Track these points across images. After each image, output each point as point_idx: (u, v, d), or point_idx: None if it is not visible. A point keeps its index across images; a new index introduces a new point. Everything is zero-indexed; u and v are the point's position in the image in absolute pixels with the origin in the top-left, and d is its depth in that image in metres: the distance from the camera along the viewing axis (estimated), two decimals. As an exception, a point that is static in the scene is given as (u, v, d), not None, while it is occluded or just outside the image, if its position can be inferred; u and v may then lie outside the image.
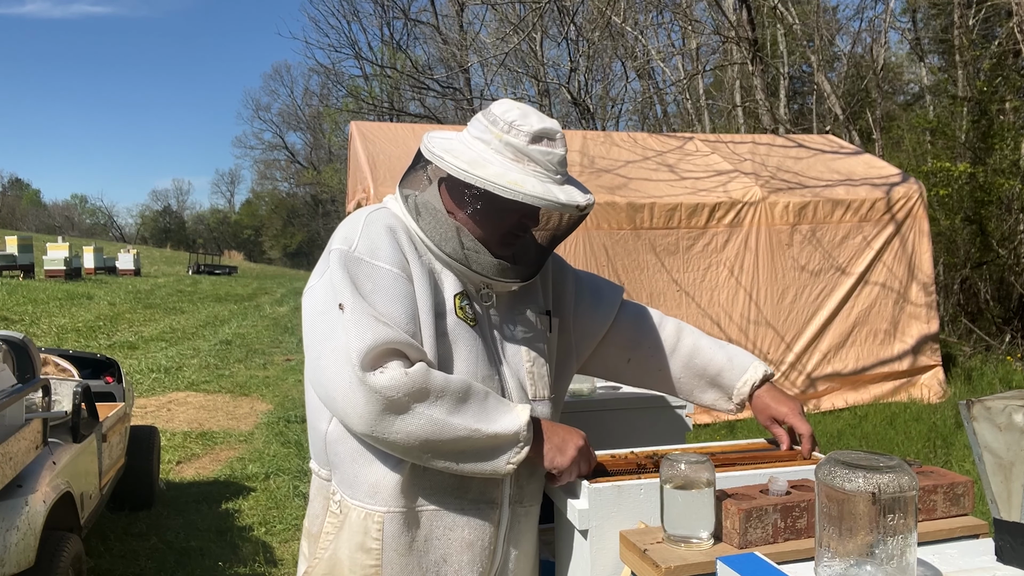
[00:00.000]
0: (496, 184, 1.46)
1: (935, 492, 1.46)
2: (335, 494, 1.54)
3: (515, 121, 1.51)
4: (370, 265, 1.47)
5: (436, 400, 1.41)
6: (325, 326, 1.44)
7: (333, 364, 1.41)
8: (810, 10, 15.06)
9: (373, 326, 1.40)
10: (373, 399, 1.38)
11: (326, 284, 1.48)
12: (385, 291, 1.46)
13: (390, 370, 1.39)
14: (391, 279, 1.47)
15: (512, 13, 15.84)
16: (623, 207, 6.63)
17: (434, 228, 1.54)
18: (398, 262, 1.49)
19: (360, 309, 1.42)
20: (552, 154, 1.52)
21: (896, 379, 7.30)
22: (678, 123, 18.73)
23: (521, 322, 1.64)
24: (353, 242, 1.51)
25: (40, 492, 2.90)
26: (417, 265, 1.51)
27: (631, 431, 2.21)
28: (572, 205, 1.50)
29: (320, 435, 1.56)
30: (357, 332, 1.40)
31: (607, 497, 1.54)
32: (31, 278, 19.70)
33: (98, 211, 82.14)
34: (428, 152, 1.53)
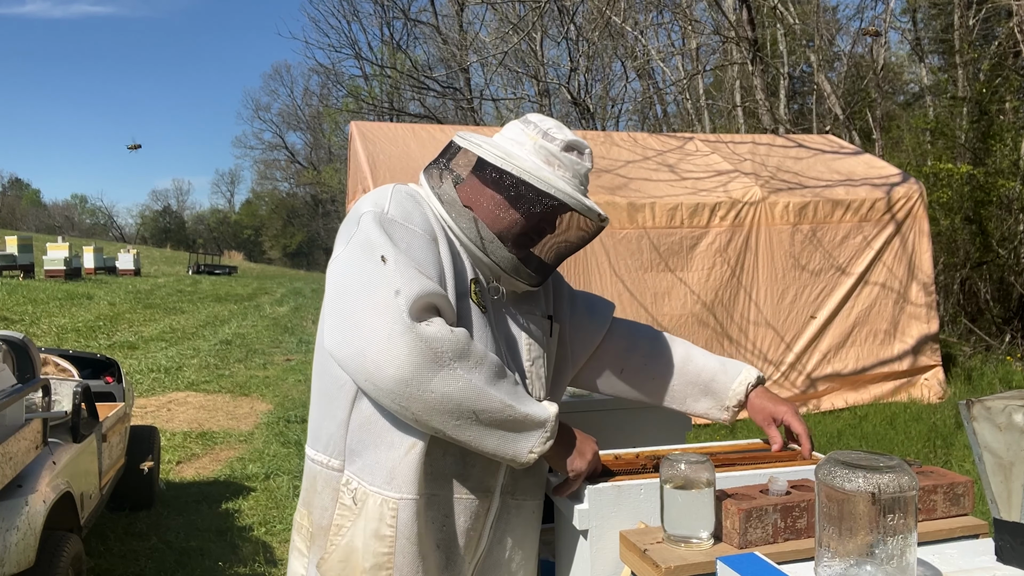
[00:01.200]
0: (531, 174, 1.51)
1: (935, 492, 1.46)
2: (349, 483, 1.52)
3: (551, 129, 1.58)
4: (403, 227, 1.48)
5: (476, 365, 1.40)
6: (359, 281, 1.41)
7: (372, 316, 1.37)
8: (810, 10, 15.06)
9: (418, 276, 1.40)
10: (417, 348, 1.34)
11: (359, 243, 1.46)
12: (421, 252, 1.45)
13: (436, 323, 1.38)
14: (425, 242, 1.48)
15: (512, 13, 15.84)
16: (623, 207, 6.63)
17: (456, 214, 1.56)
18: (429, 230, 1.50)
19: (404, 260, 1.41)
20: (581, 165, 1.59)
21: (896, 379, 7.30)
22: (678, 123, 18.73)
23: (524, 322, 1.65)
24: (384, 206, 1.51)
25: (40, 492, 2.90)
26: (444, 240, 1.53)
27: (631, 431, 2.21)
28: (595, 211, 1.59)
29: (339, 423, 1.53)
30: (404, 280, 1.38)
31: (607, 497, 1.54)
32: (31, 278, 19.70)
33: (98, 211, 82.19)
34: (464, 140, 1.58)
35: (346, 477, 1.53)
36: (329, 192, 47.63)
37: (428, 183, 1.60)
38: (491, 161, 1.53)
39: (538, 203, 1.54)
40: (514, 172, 1.51)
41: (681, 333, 6.77)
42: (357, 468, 1.52)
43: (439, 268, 1.47)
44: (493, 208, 1.57)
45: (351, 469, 1.52)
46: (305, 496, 1.62)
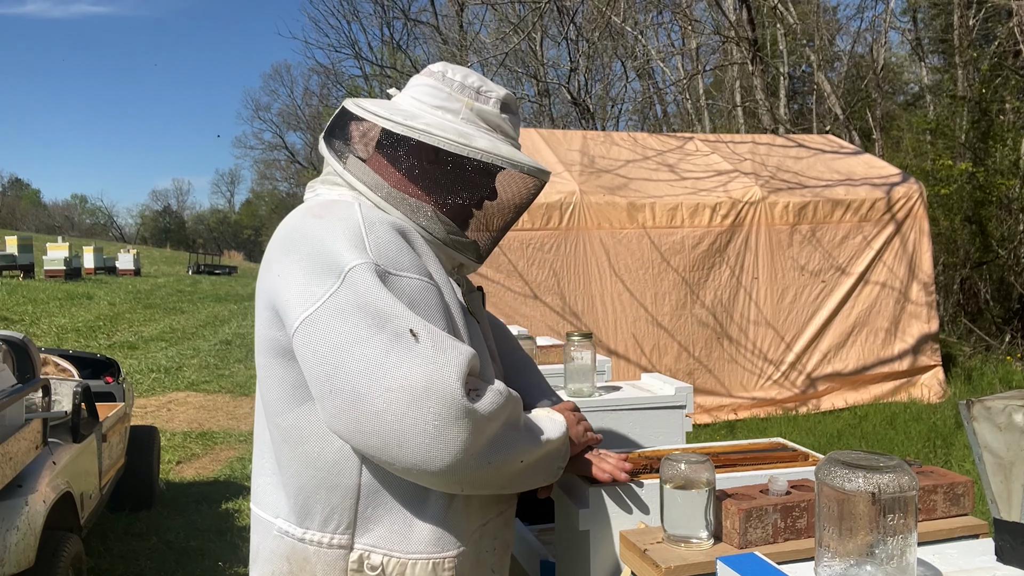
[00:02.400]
0: (499, 157, 1.37)
1: (935, 492, 1.46)
2: (368, 559, 1.30)
3: (481, 87, 1.43)
4: (399, 278, 1.27)
5: (518, 419, 1.32)
6: (381, 364, 1.18)
7: (410, 406, 1.17)
8: (810, 10, 15.07)
9: (456, 346, 1.23)
10: (475, 431, 1.20)
11: (361, 311, 1.21)
12: (428, 303, 1.28)
13: (486, 395, 1.25)
14: (423, 290, 1.29)
15: (512, 13, 15.84)
16: (623, 207, 6.63)
17: (411, 212, 1.38)
18: (420, 268, 1.31)
19: (434, 331, 1.22)
20: (516, 121, 1.47)
21: (896, 379, 7.31)
22: (678, 123, 18.73)
23: (474, 300, 1.54)
24: (368, 253, 1.26)
25: (40, 492, 2.90)
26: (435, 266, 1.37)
27: (631, 431, 2.21)
28: (548, 173, 1.47)
29: (345, 492, 1.30)
30: (446, 359, 1.20)
31: (607, 497, 1.54)
32: (31, 278, 19.70)
33: (98, 211, 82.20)
34: (399, 126, 1.36)
35: (360, 552, 1.31)
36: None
37: (363, 182, 1.38)
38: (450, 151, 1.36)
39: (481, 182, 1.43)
40: (482, 159, 1.36)
41: (681, 333, 6.78)
42: (377, 538, 1.31)
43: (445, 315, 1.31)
44: (448, 195, 1.41)
45: (367, 541, 1.31)
46: None
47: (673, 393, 2.26)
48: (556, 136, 7.81)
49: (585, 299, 6.57)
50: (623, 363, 6.52)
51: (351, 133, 1.43)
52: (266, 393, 1.35)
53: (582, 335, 2.32)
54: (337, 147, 1.44)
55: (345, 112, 1.43)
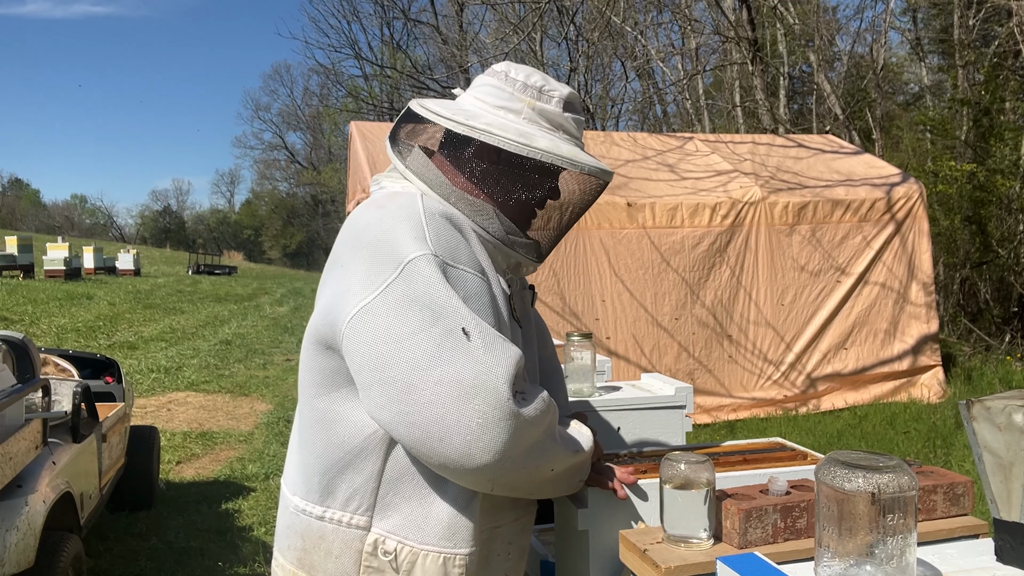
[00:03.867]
0: (560, 157, 1.36)
1: (935, 492, 1.46)
2: (383, 544, 1.33)
3: (544, 87, 1.41)
4: (459, 272, 1.28)
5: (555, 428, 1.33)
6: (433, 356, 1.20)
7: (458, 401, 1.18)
8: (810, 10, 15.07)
9: (504, 347, 1.23)
10: (518, 434, 1.21)
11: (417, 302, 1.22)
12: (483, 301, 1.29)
13: (533, 401, 1.26)
14: (477, 286, 1.30)
15: (512, 13, 15.84)
16: (623, 207, 6.63)
17: (474, 212, 1.38)
18: (475, 263, 1.33)
19: (487, 330, 1.23)
20: (580, 121, 1.46)
21: (896, 379, 7.31)
22: (678, 123, 18.73)
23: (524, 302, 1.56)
24: (429, 244, 1.27)
25: (40, 492, 2.90)
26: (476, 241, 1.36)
27: (631, 431, 2.21)
28: (610, 173, 1.45)
29: (368, 475, 1.32)
30: (496, 359, 1.20)
31: (607, 497, 1.54)
32: (31, 278, 19.70)
33: (98, 211, 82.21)
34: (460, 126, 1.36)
35: (376, 536, 1.34)
36: (329, 192, 47.66)
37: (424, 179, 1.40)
38: (511, 151, 1.35)
39: (543, 182, 1.43)
40: (542, 159, 1.35)
41: (681, 333, 6.78)
42: (393, 525, 1.33)
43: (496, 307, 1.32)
44: (509, 195, 1.41)
45: (384, 526, 1.34)
46: (303, 558, 1.39)
47: (673, 393, 2.26)
48: (556, 136, 7.81)
49: (585, 299, 6.58)
50: (623, 363, 6.52)
51: (415, 133, 1.48)
52: (304, 375, 1.40)
53: (582, 335, 2.32)
54: (401, 146, 1.47)
55: (409, 112, 1.46)
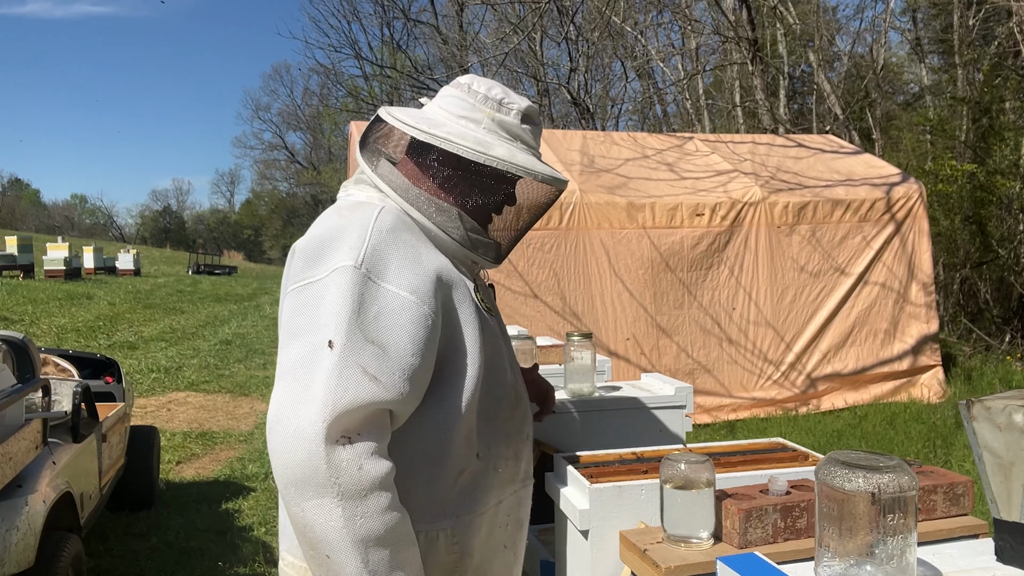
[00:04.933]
0: (516, 165, 1.43)
1: (935, 492, 1.46)
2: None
3: (503, 99, 1.49)
4: (376, 286, 1.29)
5: (364, 516, 1.20)
6: (300, 354, 1.25)
7: (296, 399, 1.22)
8: (810, 10, 15.07)
9: (360, 381, 1.22)
10: (312, 464, 1.19)
11: (316, 303, 1.28)
12: (392, 319, 1.28)
13: (357, 449, 1.20)
14: (398, 304, 1.29)
15: (512, 13, 15.84)
16: (623, 207, 6.63)
17: (435, 212, 1.44)
18: (412, 284, 1.32)
19: (350, 357, 1.23)
20: (537, 132, 1.53)
21: (896, 379, 7.31)
22: (678, 123, 18.74)
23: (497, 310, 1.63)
24: (359, 256, 1.30)
25: (40, 492, 2.90)
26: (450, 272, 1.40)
27: (631, 431, 2.22)
28: (565, 182, 1.52)
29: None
30: (339, 385, 1.21)
31: (607, 497, 1.54)
32: (31, 278, 19.69)
33: (98, 211, 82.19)
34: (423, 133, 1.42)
35: None
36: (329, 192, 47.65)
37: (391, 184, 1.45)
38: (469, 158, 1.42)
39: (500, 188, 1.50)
40: (498, 167, 1.42)
41: (680, 333, 6.78)
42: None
43: (421, 338, 1.29)
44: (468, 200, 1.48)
45: None
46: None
47: (673, 393, 2.26)
48: (556, 136, 7.81)
49: (585, 299, 6.58)
50: (623, 363, 6.52)
51: (383, 140, 1.53)
52: None
53: (582, 335, 2.32)
54: (370, 152, 1.52)
55: (378, 120, 1.52)
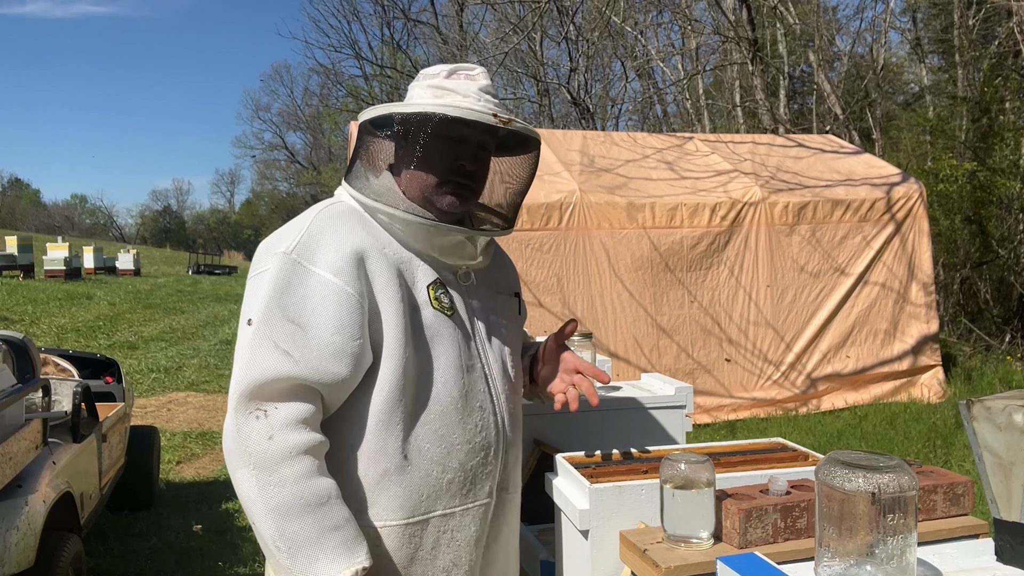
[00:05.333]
0: (413, 105, 1.42)
1: (935, 492, 1.46)
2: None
3: (441, 71, 1.50)
4: (305, 271, 1.35)
5: (276, 485, 1.27)
6: (240, 333, 1.37)
7: (233, 373, 1.34)
8: (810, 10, 15.06)
9: (272, 354, 1.31)
10: (232, 435, 1.31)
11: (252, 289, 1.38)
12: (318, 301, 1.34)
13: (265, 421, 1.29)
14: (321, 286, 1.34)
15: (512, 13, 15.84)
16: (623, 207, 6.63)
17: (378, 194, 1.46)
18: (336, 266, 1.36)
19: (264, 333, 1.32)
20: (472, 83, 1.47)
21: (896, 379, 7.31)
22: (678, 123, 18.73)
23: (499, 306, 1.59)
24: (292, 242, 1.38)
25: (40, 492, 2.90)
26: (379, 260, 1.40)
27: (631, 431, 2.21)
28: (477, 111, 1.41)
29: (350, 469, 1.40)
30: (251, 359, 1.31)
31: (607, 497, 1.54)
32: (31, 278, 19.69)
33: (98, 211, 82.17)
34: (361, 123, 1.49)
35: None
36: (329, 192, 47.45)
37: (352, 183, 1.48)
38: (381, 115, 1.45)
39: (441, 140, 1.44)
40: (392, 112, 1.43)
41: (680, 333, 6.78)
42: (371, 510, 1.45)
43: (345, 318, 1.34)
44: (403, 162, 1.48)
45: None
46: None
47: (673, 393, 2.26)
48: (556, 136, 7.81)
49: (585, 299, 6.57)
50: (623, 363, 6.52)
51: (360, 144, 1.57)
52: None
53: (582, 335, 2.32)
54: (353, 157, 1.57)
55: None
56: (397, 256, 1.44)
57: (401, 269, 1.43)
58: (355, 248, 1.38)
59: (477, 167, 1.49)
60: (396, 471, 1.39)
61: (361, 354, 1.35)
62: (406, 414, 1.39)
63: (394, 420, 1.38)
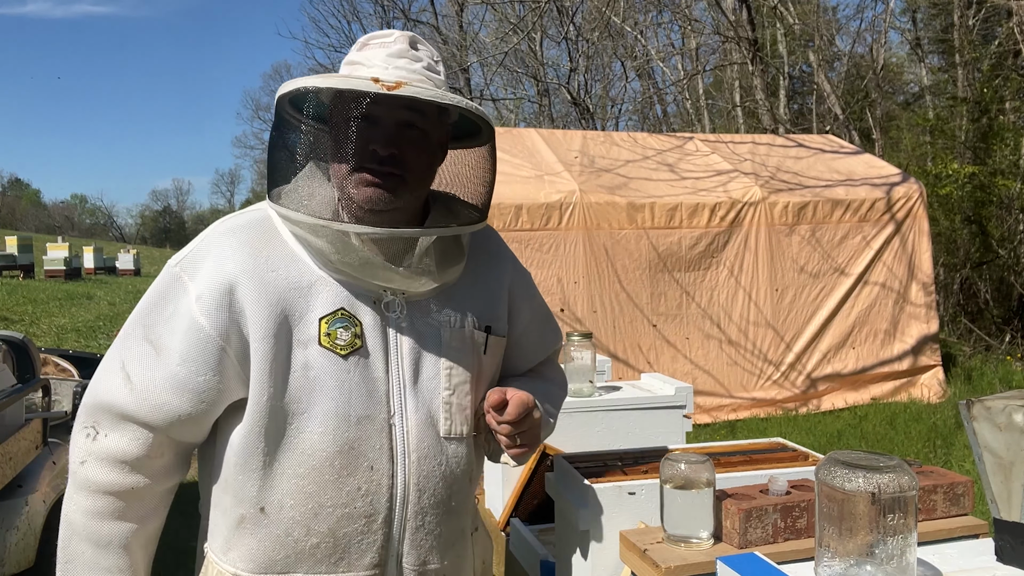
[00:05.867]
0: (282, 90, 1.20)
1: (935, 492, 1.46)
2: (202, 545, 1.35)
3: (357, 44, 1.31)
4: (182, 288, 1.23)
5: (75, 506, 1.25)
6: None
7: None
8: (810, 10, 15.07)
9: (112, 378, 1.24)
10: (72, 455, 1.27)
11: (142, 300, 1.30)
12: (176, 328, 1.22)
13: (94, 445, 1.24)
14: (185, 313, 1.21)
15: (512, 13, 15.84)
16: (623, 207, 6.63)
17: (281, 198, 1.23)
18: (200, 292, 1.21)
19: (118, 349, 1.26)
20: (382, 50, 1.25)
21: (896, 379, 7.31)
22: (678, 123, 18.74)
23: (454, 343, 1.30)
24: (184, 253, 1.27)
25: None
26: (255, 288, 1.20)
27: (631, 431, 2.22)
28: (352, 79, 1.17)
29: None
30: (99, 376, 1.27)
31: (607, 497, 1.54)
32: (31, 278, 19.69)
33: (98, 211, 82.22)
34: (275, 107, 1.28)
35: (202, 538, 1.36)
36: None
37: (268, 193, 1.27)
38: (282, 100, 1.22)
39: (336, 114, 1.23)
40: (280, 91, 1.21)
41: (679, 334, 6.78)
42: (203, 527, 1.36)
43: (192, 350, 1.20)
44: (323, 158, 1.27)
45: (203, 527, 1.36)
46: None
47: (673, 393, 2.26)
48: (556, 136, 7.81)
49: (585, 299, 6.57)
50: (623, 364, 6.52)
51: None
52: None
53: (582, 335, 2.32)
54: None
55: None
56: (290, 281, 1.22)
57: (287, 298, 1.21)
58: (227, 274, 1.21)
59: (400, 151, 1.22)
60: (252, 522, 1.23)
61: (207, 390, 1.21)
62: (266, 463, 1.21)
63: (251, 466, 1.22)
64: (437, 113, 1.27)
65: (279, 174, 1.26)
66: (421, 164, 1.26)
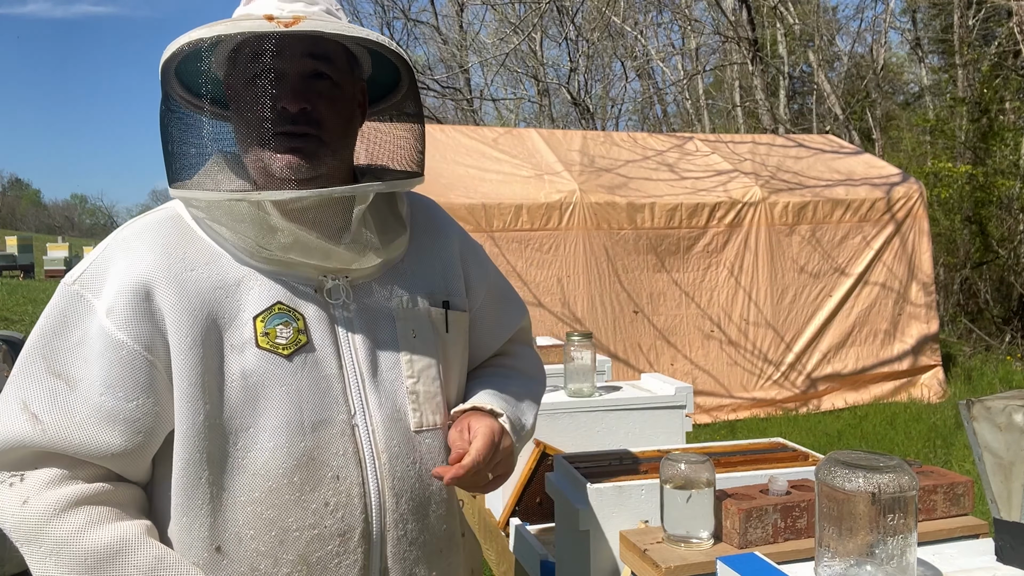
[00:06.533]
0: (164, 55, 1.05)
1: (935, 492, 1.46)
2: None
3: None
4: (87, 308, 1.06)
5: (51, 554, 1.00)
6: None
7: None
8: (810, 10, 15.07)
9: (14, 418, 1.03)
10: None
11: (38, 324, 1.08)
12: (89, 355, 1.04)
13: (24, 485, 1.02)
14: (97, 334, 1.04)
15: (512, 13, 15.85)
16: (623, 207, 6.64)
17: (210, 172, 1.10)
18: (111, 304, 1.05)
19: (16, 387, 1.04)
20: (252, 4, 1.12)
21: (896, 379, 7.31)
22: (678, 123, 18.75)
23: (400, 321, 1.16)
24: (81, 268, 1.11)
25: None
26: (175, 290, 1.05)
27: (631, 431, 2.22)
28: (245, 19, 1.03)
29: None
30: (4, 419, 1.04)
31: (607, 497, 1.54)
32: (31, 278, 19.71)
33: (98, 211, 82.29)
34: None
35: None
36: (329, 192, 47.55)
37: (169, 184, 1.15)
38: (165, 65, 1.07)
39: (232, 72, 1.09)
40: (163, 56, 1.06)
41: (679, 334, 6.78)
42: None
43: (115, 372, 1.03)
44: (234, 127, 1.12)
45: None
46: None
47: (673, 393, 2.26)
48: (556, 136, 7.82)
49: (585, 299, 6.58)
50: (622, 364, 6.52)
51: None
52: None
53: (582, 335, 2.32)
54: None
55: None
56: (214, 279, 1.08)
57: (213, 298, 1.07)
58: (139, 277, 1.05)
59: (312, 105, 1.07)
60: (209, 567, 1.05)
61: (141, 418, 1.04)
62: (214, 495, 1.05)
63: (196, 503, 1.05)
64: (347, 63, 1.13)
65: (179, 156, 1.09)
66: (339, 121, 1.12)
